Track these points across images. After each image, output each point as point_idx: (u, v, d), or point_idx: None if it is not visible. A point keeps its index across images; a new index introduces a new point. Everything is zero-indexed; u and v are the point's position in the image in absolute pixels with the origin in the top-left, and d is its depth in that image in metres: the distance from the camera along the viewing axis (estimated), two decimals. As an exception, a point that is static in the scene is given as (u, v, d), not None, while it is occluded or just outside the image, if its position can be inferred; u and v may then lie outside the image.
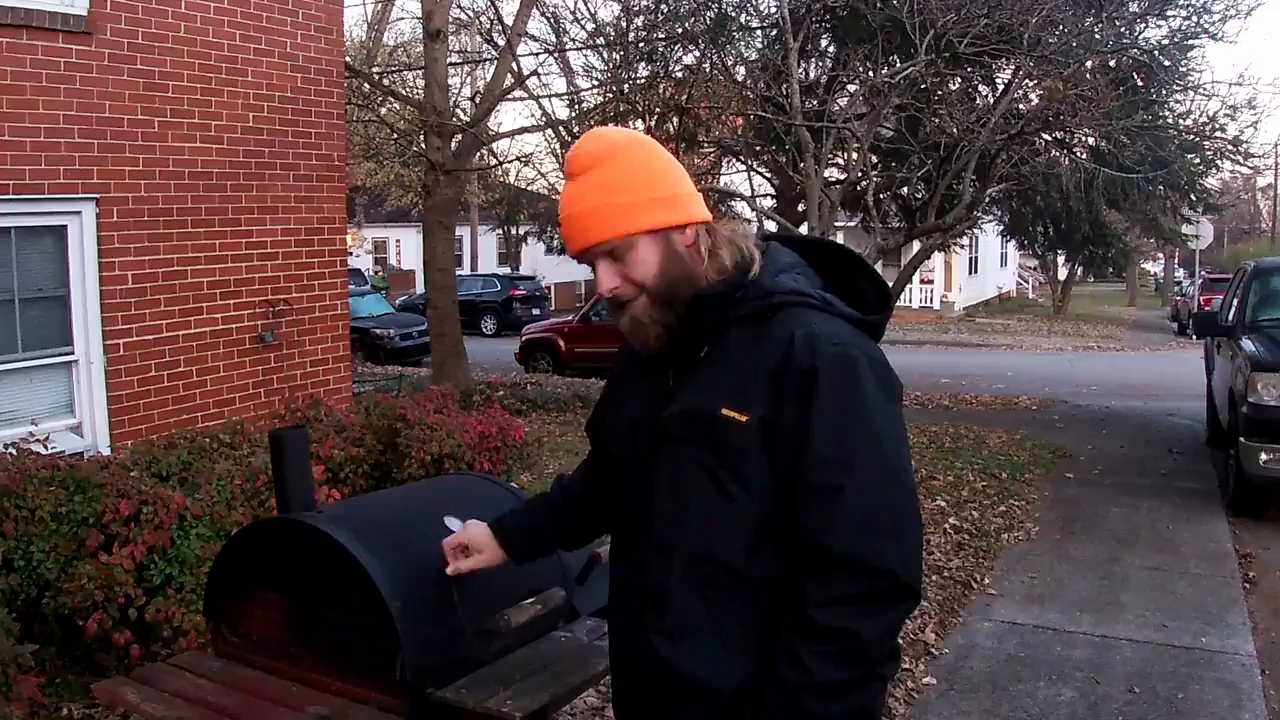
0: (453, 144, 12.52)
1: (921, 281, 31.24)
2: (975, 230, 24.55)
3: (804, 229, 9.22)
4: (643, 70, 12.07)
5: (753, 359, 1.47)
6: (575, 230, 1.51)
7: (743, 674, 1.46)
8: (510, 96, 14.10)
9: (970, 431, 10.18)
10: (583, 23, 17.94)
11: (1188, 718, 3.98)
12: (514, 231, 33.27)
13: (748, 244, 1.58)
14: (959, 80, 10.98)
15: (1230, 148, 11.94)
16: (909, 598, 1.41)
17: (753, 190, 12.34)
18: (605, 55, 15.19)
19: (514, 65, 13.16)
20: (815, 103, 10.63)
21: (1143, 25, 10.88)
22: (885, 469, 1.41)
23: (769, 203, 12.91)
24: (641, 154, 1.55)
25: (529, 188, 28.26)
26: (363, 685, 2.74)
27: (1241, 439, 6.75)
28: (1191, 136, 12.14)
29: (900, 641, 1.72)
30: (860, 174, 10.86)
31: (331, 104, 7.45)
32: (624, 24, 13.26)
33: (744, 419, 1.43)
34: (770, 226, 11.18)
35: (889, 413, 1.45)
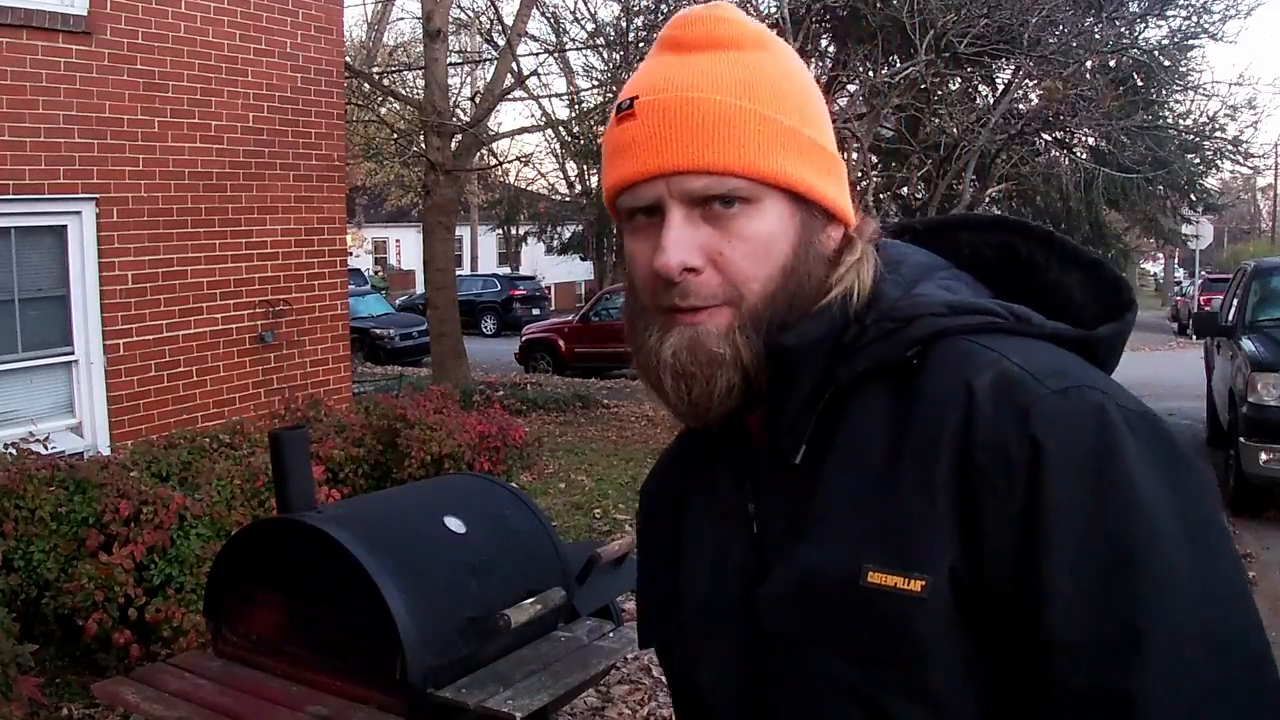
0: (453, 144, 12.53)
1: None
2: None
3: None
4: (643, 70, 12.07)
5: (900, 450, 0.76)
6: (680, 129, 0.79)
7: None
8: (510, 96, 14.14)
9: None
10: (583, 23, 17.99)
11: (1188, 718, 3.97)
12: (514, 231, 33.27)
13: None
14: (959, 80, 10.98)
15: (1230, 148, 11.96)
16: None
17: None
18: (605, 55, 15.21)
19: (514, 65, 13.17)
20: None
21: (1143, 25, 10.89)
22: (1226, 639, 0.69)
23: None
24: (802, 73, 0.87)
25: (529, 188, 28.29)
26: (363, 685, 2.74)
27: (1241, 439, 6.74)
28: (1191, 136, 12.16)
29: None
30: (860, 174, 10.86)
31: (331, 104, 7.45)
32: (624, 24, 13.27)
33: (916, 587, 0.73)
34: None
35: (1190, 514, 0.72)
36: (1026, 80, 10.46)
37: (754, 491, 0.86)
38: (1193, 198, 15.34)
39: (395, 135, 16.09)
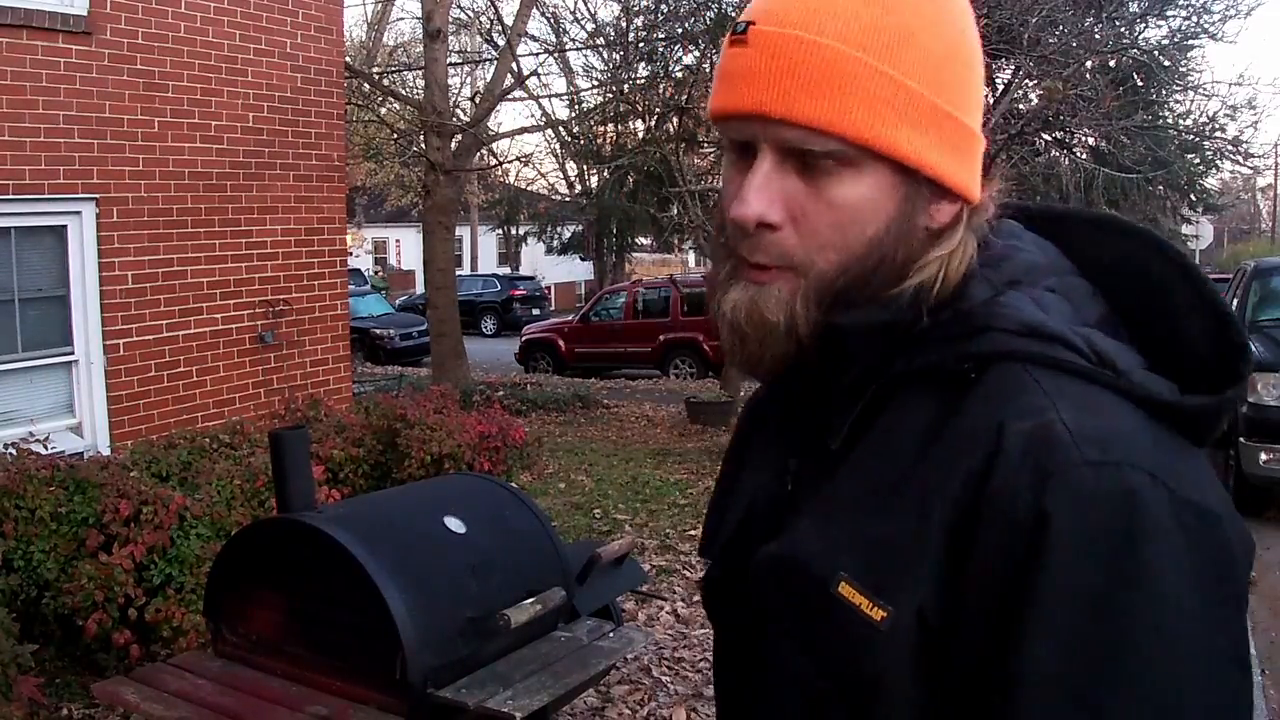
0: (453, 144, 12.53)
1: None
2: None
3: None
4: (643, 70, 12.08)
5: (917, 469, 0.71)
6: (787, 74, 0.71)
7: None
8: (510, 96, 14.13)
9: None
10: (583, 23, 18.00)
11: (1188, 718, 3.96)
12: (514, 231, 33.23)
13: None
14: (959, 80, 10.98)
15: (1230, 148, 11.95)
16: None
17: (753, 190, 12.37)
18: (605, 55, 15.22)
19: (514, 65, 13.17)
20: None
21: (1143, 25, 10.88)
22: None
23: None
24: (955, 24, 0.75)
25: (529, 188, 28.29)
26: (363, 685, 2.74)
27: (1241, 439, 6.75)
28: (1191, 136, 12.15)
29: None
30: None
31: (331, 104, 7.45)
32: (624, 24, 13.29)
33: (877, 615, 0.69)
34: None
35: (1215, 642, 0.65)
36: (1026, 80, 10.46)
37: (798, 449, 0.82)
38: (1193, 198, 15.36)
39: (395, 135, 16.09)
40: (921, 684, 0.68)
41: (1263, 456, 6.57)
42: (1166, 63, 11.17)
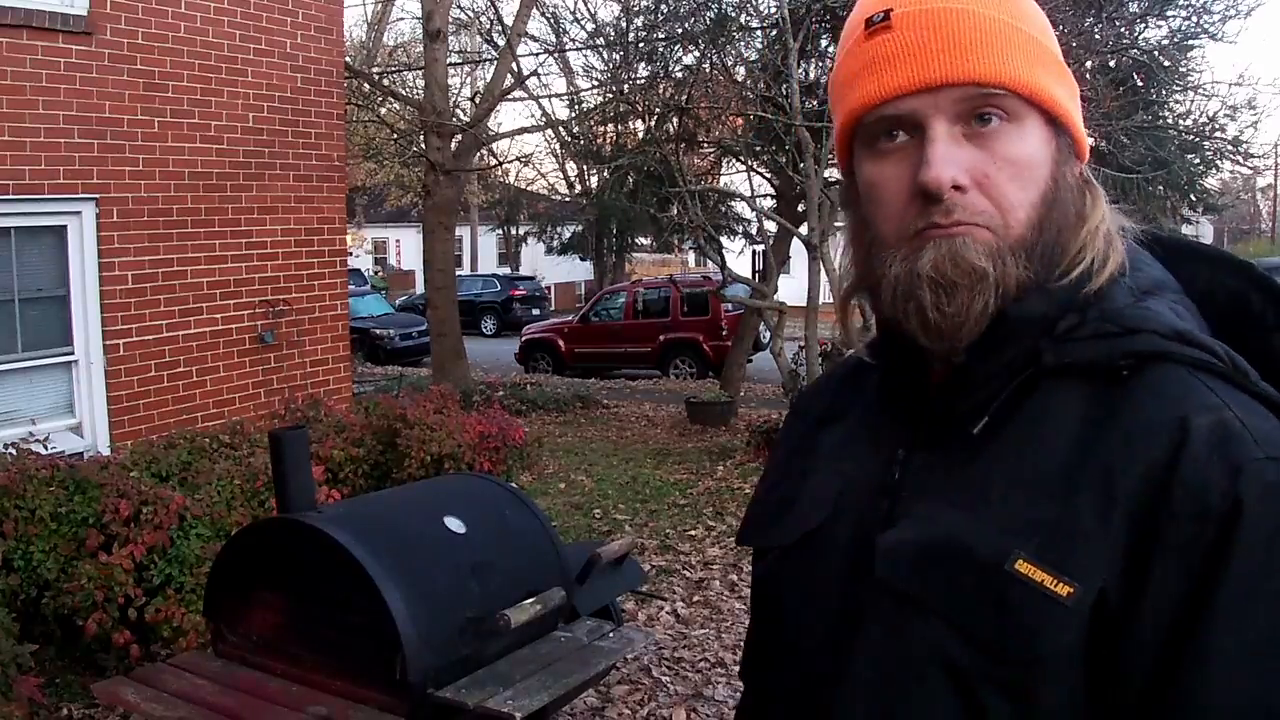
0: (453, 144, 12.53)
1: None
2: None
3: (803, 229, 9.20)
4: (643, 70, 12.07)
5: (1087, 457, 0.74)
6: (947, 41, 0.76)
7: None
8: (510, 96, 14.13)
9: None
10: (583, 23, 17.99)
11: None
12: (514, 231, 33.24)
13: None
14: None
15: (1230, 148, 11.94)
16: None
17: (753, 190, 12.32)
18: (605, 55, 15.21)
19: (514, 65, 13.17)
20: (815, 103, 10.63)
21: (1143, 25, 10.89)
22: None
23: (769, 203, 12.92)
24: None
25: (529, 188, 28.28)
26: (363, 685, 2.74)
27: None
28: (1191, 136, 12.15)
29: None
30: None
31: (331, 104, 7.45)
32: (624, 24, 13.30)
33: (1063, 590, 0.70)
34: (770, 227, 11.19)
35: None
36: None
37: (910, 440, 0.84)
38: (1193, 198, 15.33)
39: (395, 135, 16.09)
40: (1084, 666, 0.71)
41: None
42: (1166, 63, 11.17)
